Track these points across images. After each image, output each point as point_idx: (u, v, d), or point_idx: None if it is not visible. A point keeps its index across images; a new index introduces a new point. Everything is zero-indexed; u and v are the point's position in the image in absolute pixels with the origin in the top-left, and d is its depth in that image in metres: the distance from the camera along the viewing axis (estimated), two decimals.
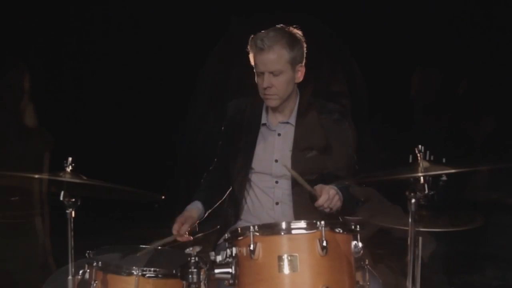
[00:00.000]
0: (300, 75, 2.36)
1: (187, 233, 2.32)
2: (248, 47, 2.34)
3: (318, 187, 2.17)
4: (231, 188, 2.54)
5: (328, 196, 2.14)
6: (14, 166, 2.50)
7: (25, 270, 3.17)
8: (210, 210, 2.51)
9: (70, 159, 1.89)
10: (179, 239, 2.30)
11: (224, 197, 2.55)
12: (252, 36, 2.33)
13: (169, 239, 2.28)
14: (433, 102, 4.42)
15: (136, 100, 7.18)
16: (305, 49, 2.37)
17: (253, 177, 2.46)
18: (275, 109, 2.42)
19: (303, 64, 2.37)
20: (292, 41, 2.31)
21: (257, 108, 2.48)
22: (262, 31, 2.33)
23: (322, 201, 2.13)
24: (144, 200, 2.23)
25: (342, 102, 2.63)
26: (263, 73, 2.30)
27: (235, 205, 2.50)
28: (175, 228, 2.31)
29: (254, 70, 2.35)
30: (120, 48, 7.03)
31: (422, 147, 1.84)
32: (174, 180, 6.06)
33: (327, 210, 2.16)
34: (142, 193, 2.04)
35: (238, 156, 2.47)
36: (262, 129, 2.47)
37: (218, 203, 2.54)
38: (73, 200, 1.87)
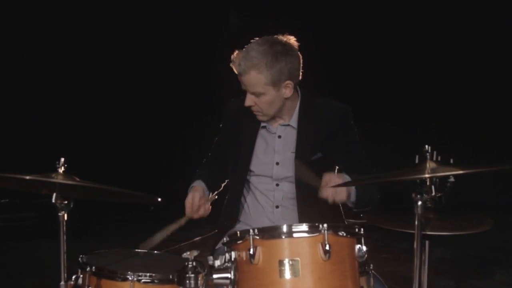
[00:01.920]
0: (289, 91, 2.31)
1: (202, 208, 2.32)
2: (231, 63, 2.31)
3: (327, 177, 2.16)
4: (229, 190, 2.54)
5: (334, 190, 2.13)
6: None
7: None
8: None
9: (62, 159, 1.88)
10: (194, 216, 2.31)
11: (219, 190, 2.54)
12: (235, 53, 2.29)
13: (182, 220, 2.28)
14: None
15: (131, 101, 7.19)
16: (299, 60, 2.30)
17: (252, 180, 2.45)
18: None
19: (293, 79, 2.30)
20: (276, 59, 2.21)
21: None
22: (244, 49, 2.27)
23: (324, 194, 2.13)
24: (139, 203, 2.22)
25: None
26: (246, 91, 2.30)
27: (233, 207, 2.49)
28: (187, 204, 2.31)
29: None
30: (116, 50, 7.05)
31: (429, 147, 1.83)
32: (170, 181, 6.06)
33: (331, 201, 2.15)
34: (138, 195, 2.03)
35: (236, 158, 2.47)
36: (262, 131, 2.46)
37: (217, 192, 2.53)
38: (66, 202, 1.86)
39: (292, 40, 2.32)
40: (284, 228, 1.75)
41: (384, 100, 7.07)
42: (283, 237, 1.74)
